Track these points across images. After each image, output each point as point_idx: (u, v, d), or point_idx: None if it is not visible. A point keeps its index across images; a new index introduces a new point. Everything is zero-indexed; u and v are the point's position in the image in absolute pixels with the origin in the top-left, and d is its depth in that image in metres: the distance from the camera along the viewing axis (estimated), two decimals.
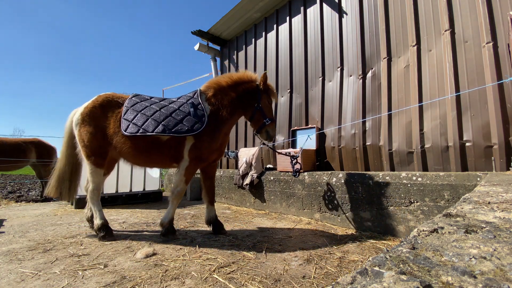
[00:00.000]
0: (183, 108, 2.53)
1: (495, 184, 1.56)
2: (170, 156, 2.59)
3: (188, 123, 2.41)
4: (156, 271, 1.78)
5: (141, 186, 5.09)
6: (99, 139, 2.58)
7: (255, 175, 4.10)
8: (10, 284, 1.61)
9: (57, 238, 2.58)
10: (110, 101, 2.68)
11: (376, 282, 0.43)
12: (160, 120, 2.43)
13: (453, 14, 2.90)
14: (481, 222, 0.77)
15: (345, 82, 3.88)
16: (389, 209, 2.66)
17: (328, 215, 3.17)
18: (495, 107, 2.52)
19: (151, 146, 2.52)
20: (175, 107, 2.54)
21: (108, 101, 2.68)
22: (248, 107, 2.72)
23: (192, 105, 2.54)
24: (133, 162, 2.74)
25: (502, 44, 2.56)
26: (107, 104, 2.66)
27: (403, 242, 0.65)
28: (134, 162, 2.73)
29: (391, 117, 3.27)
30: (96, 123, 2.59)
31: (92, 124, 2.58)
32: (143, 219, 3.44)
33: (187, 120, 2.43)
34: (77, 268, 1.83)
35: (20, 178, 12.80)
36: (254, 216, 3.61)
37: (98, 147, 2.59)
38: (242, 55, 5.83)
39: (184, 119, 2.44)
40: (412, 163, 3.06)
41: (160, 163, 2.76)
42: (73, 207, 4.40)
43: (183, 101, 2.62)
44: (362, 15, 3.75)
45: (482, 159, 2.58)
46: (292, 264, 1.92)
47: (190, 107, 2.52)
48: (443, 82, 2.89)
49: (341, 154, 3.76)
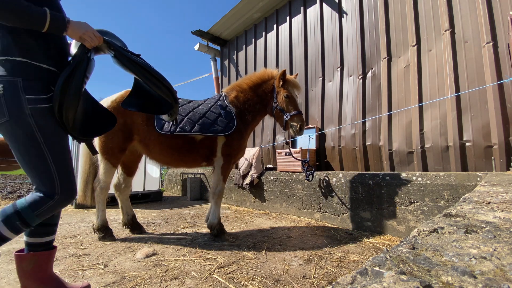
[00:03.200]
0: (213, 110, 2.60)
1: (495, 184, 1.56)
2: (203, 155, 2.63)
3: (221, 123, 2.50)
4: (156, 271, 1.78)
5: (141, 186, 5.09)
6: (122, 137, 2.49)
7: (255, 175, 4.10)
8: (10, 284, 1.61)
9: (57, 238, 2.58)
10: None
11: (376, 282, 0.43)
12: (195, 120, 2.48)
13: (453, 14, 2.90)
14: (481, 222, 0.77)
15: (345, 82, 3.88)
16: (389, 209, 2.66)
17: (328, 215, 3.17)
18: (495, 107, 2.52)
19: (186, 145, 2.53)
20: (205, 109, 2.60)
21: None
22: (268, 106, 2.78)
23: (221, 107, 2.64)
24: (164, 161, 2.70)
25: (502, 44, 2.56)
26: None
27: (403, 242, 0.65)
28: (165, 161, 2.69)
29: (391, 117, 3.27)
30: (124, 119, 2.47)
31: (119, 119, 2.40)
32: (143, 219, 3.44)
33: (220, 121, 2.51)
34: (77, 268, 1.83)
35: (20, 178, 12.81)
36: (254, 216, 3.61)
37: (119, 145, 2.48)
38: (242, 55, 5.83)
39: (217, 120, 2.51)
40: (412, 163, 3.06)
41: (191, 162, 2.73)
42: (73, 207, 4.40)
43: (212, 103, 2.69)
44: (362, 15, 3.75)
45: (482, 159, 2.58)
46: (292, 264, 1.92)
47: (220, 109, 2.61)
48: (443, 82, 2.89)
49: (341, 154, 3.76)
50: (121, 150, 2.51)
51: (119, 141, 2.48)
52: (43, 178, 1.18)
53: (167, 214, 3.80)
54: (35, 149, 1.16)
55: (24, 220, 1.14)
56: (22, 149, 1.16)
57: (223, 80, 6.39)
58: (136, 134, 2.51)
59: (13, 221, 1.14)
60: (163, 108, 1.62)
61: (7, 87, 1.12)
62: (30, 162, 1.17)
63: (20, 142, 1.16)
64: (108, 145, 2.47)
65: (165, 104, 1.60)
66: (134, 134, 2.52)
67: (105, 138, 2.47)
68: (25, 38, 1.17)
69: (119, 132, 2.46)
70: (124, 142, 2.51)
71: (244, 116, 2.69)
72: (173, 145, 2.52)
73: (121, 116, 2.45)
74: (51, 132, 1.20)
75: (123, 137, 2.49)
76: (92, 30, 1.28)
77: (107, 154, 2.49)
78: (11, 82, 1.12)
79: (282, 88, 2.65)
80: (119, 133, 2.46)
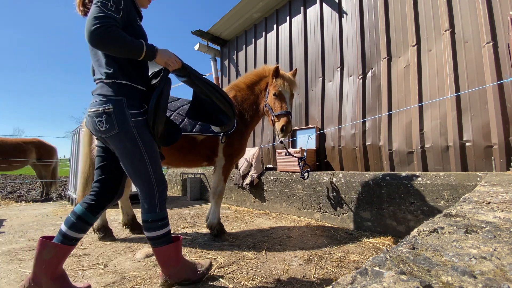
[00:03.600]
0: None
1: (495, 184, 1.56)
2: (204, 155, 2.62)
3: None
4: (156, 271, 1.78)
5: None
6: None
7: (255, 175, 4.10)
8: (10, 284, 1.61)
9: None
10: None
11: (376, 282, 0.43)
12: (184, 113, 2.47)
13: (453, 14, 2.90)
14: (481, 222, 0.77)
15: (345, 82, 3.88)
16: (389, 209, 2.66)
17: (328, 215, 3.17)
18: (495, 107, 2.51)
19: (187, 145, 2.52)
20: None
21: None
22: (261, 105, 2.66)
23: None
24: (165, 161, 2.68)
25: (502, 44, 2.56)
26: None
27: (403, 242, 0.65)
28: (166, 161, 2.66)
29: (391, 117, 3.27)
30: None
31: None
32: None
33: None
34: (77, 268, 1.83)
35: (20, 178, 12.81)
36: (254, 216, 3.61)
37: None
38: (242, 55, 5.83)
39: None
40: (412, 163, 3.06)
41: (192, 162, 2.72)
42: (73, 207, 4.40)
43: None
44: (362, 15, 3.75)
45: (482, 159, 2.58)
46: (292, 264, 1.92)
47: None
48: (443, 82, 2.89)
49: (341, 154, 3.76)
50: None
51: None
52: (144, 179, 1.44)
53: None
54: (139, 155, 1.41)
55: (158, 219, 1.46)
56: (130, 156, 1.41)
57: (223, 80, 6.39)
58: None
59: (154, 226, 1.45)
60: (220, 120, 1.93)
61: (115, 105, 1.36)
62: (134, 166, 1.42)
63: (127, 150, 1.40)
64: None
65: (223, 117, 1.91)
66: None
67: None
68: (126, 65, 1.43)
69: None
70: None
71: (243, 116, 2.67)
72: (175, 146, 2.52)
73: None
74: (148, 140, 1.44)
75: None
76: (174, 56, 1.51)
77: None
78: (118, 101, 1.37)
79: (273, 85, 2.49)
80: None
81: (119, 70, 1.40)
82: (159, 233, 1.47)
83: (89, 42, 1.27)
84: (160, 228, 1.47)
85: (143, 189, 1.46)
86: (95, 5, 1.30)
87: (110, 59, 1.40)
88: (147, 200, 1.46)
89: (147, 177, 1.44)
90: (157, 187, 1.47)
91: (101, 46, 1.29)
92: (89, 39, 1.26)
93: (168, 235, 1.51)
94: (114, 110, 1.35)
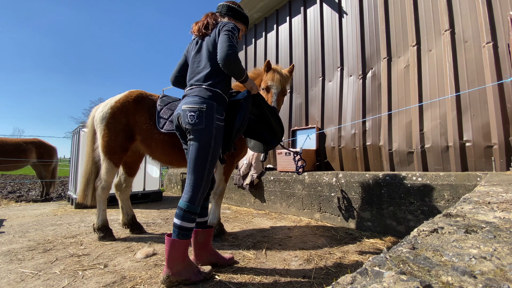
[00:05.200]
0: None
1: (495, 184, 1.56)
2: None
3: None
4: (156, 271, 1.78)
5: (141, 186, 5.09)
6: (125, 136, 2.50)
7: (255, 175, 4.10)
8: (10, 284, 1.61)
9: (57, 238, 2.58)
10: (144, 97, 2.61)
11: (376, 282, 0.43)
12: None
13: (453, 14, 2.90)
14: (481, 222, 0.77)
15: (345, 82, 3.88)
16: (389, 209, 2.66)
17: (328, 215, 3.17)
18: (495, 107, 2.52)
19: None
20: None
21: (142, 97, 2.60)
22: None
23: None
24: (166, 161, 2.68)
25: (502, 44, 2.56)
26: (141, 100, 2.58)
27: (403, 242, 0.65)
28: (167, 160, 2.66)
29: (391, 117, 3.27)
30: (127, 119, 2.49)
31: (122, 118, 2.48)
32: (143, 219, 3.44)
33: None
34: (77, 268, 1.83)
35: (20, 178, 12.81)
36: (254, 216, 3.61)
37: (122, 145, 2.50)
38: (242, 55, 5.83)
39: None
40: (412, 163, 3.06)
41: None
42: (73, 207, 4.40)
43: None
44: (362, 15, 3.75)
45: (482, 159, 2.58)
46: (292, 264, 1.92)
47: None
48: (443, 82, 2.89)
49: (341, 154, 3.77)
50: (123, 150, 2.53)
51: (122, 141, 2.49)
52: (199, 173, 1.63)
53: (167, 214, 3.80)
54: (206, 152, 1.64)
55: (192, 212, 1.60)
56: (199, 149, 1.63)
57: None
58: (138, 134, 2.52)
59: (187, 217, 1.58)
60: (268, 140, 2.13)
61: (208, 106, 1.65)
62: (197, 159, 1.63)
63: (201, 144, 1.63)
64: (111, 144, 2.48)
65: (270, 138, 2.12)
66: (136, 134, 2.53)
67: (108, 138, 2.48)
68: (226, 82, 1.79)
69: (121, 132, 2.48)
70: (126, 142, 2.52)
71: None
72: (175, 144, 2.52)
73: (124, 117, 2.48)
74: (219, 143, 1.69)
75: (126, 137, 2.50)
76: (255, 85, 1.85)
77: (110, 153, 2.50)
78: (211, 104, 1.67)
79: (263, 80, 2.37)
80: (121, 133, 2.48)
81: (219, 82, 1.73)
82: (188, 226, 1.59)
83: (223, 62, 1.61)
84: (191, 221, 1.60)
85: (193, 180, 1.63)
86: (226, 35, 1.66)
87: (221, 74, 1.74)
88: (191, 191, 1.61)
89: (201, 174, 1.63)
90: (205, 184, 1.65)
91: (228, 68, 1.63)
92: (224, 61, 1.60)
93: (191, 231, 1.62)
94: (206, 110, 1.64)
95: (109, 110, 2.50)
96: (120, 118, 2.48)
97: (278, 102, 2.26)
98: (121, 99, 2.56)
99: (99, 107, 2.67)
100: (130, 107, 2.51)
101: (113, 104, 2.53)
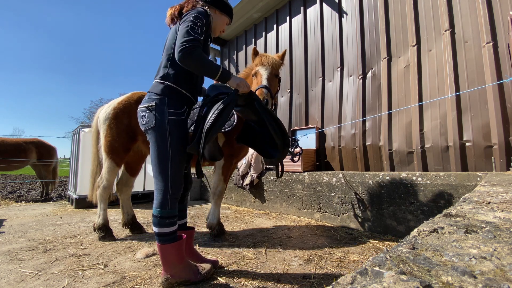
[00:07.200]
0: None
1: (495, 184, 1.56)
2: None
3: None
4: (156, 271, 1.78)
5: (141, 186, 5.09)
6: (127, 137, 2.54)
7: (255, 175, 4.10)
8: (10, 284, 1.61)
9: (57, 238, 2.59)
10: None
11: (376, 282, 0.43)
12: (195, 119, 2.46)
13: (453, 14, 2.90)
14: (481, 222, 0.77)
15: (345, 82, 3.88)
16: (389, 209, 2.66)
17: (328, 215, 3.17)
18: (495, 107, 2.51)
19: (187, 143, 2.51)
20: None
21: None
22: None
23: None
24: None
25: (502, 44, 2.56)
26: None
27: (403, 242, 0.65)
28: None
29: (391, 117, 3.27)
30: (129, 119, 2.53)
31: (124, 119, 2.53)
32: (143, 219, 3.44)
33: None
34: (77, 268, 1.83)
35: (20, 178, 12.81)
36: (254, 216, 3.61)
37: (124, 145, 2.54)
38: (242, 55, 5.83)
39: None
40: (412, 163, 3.06)
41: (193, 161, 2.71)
42: (73, 207, 4.40)
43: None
44: (362, 15, 3.75)
45: (482, 159, 2.58)
46: (292, 264, 1.92)
47: None
48: (443, 82, 2.89)
49: (341, 154, 3.76)
50: (125, 149, 2.57)
51: (124, 141, 2.54)
52: (162, 175, 1.53)
53: None
54: (164, 150, 1.52)
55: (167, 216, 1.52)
56: (156, 149, 1.53)
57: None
58: (140, 134, 2.55)
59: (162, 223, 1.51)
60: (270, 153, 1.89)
61: (158, 102, 1.54)
62: (157, 160, 1.53)
63: (157, 143, 1.53)
64: (114, 144, 2.52)
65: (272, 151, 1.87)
66: (138, 135, 2.56)
67: (110, 138, 2.53)
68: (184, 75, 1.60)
69: (123, 132, 2.52)
70: (128, 142, 2.56)
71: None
72: None
73: (126, 117, 2.54)
74: (178, 139, 1.56)
75: (128, 137, 2.55)
76: (245, 81, 1.64)
77: (112, 153, 2.54)
78: (161, 99, 1.54)
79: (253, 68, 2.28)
80: (123, 133, 2.53)
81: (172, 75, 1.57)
82: (166, 230, 1.52)
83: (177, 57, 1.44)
84: (168, 225, 1.53)
85: (159, 184, 1.54)
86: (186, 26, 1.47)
87: (176, 66, 1.57)
88: (160, 195, 1.53)
89: (165, 174, 1.53)
90: (173, 185, 1.54)
91: (184, 64, 1.45)
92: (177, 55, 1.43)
93: (175, 233, 1.56)
94: (156, 108, 1.52)
95: (112, 111, 2.56)
96: (122, 119, 2.53)
97: (270, 83, 2.09)
98: (123, 100, 2.62)
99: (103, 108, 2.73)
100: (132, 108, 2.55)
101: (115, 105, 2.59)
